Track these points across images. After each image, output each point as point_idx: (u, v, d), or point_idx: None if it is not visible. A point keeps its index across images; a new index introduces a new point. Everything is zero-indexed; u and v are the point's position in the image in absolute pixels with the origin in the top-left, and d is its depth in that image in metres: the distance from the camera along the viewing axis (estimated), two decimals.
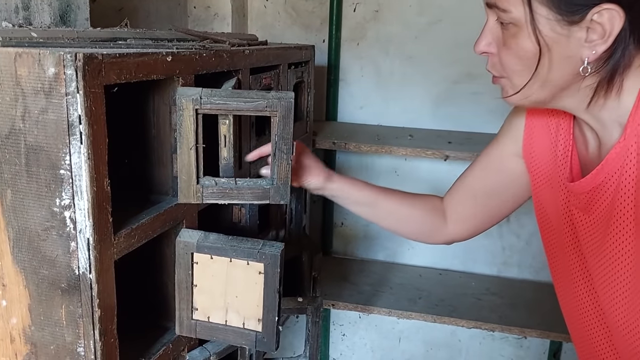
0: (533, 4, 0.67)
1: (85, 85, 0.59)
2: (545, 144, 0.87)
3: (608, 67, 0.68)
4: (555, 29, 0.67)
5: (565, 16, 0.65)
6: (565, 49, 0.68)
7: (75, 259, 0.64)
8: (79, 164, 0.61)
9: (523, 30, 0.68)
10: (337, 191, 1.01)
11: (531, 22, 0.67)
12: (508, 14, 0.69)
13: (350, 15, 1.77)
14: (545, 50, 0.68)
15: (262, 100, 0.77)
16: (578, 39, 0.67)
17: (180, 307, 0.83)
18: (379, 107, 1.83)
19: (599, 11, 0.64)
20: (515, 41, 0.70)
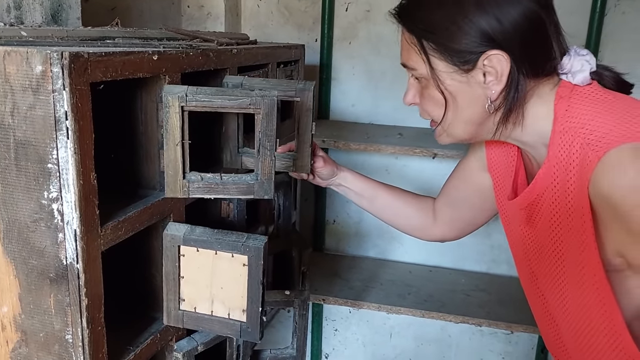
0: (432, 61, 0.77)
1: (71, 83, 0.62)
2: (502, 161, 0.94)
3: (507, 101, 0.76)
4: (456, 78, 0.77)
5: (460, 66, 0.75)
6: (469, 93, 0.77)
7: (63, 250, 0.67)
8: (65, 158, 0.64)
9: (431, 83, 0.79)
10: (344, 180, 1.10)
11: (432, 77, 0.78)
12: (417, 71, 0.80)
13: (342, 14, 1.79)
14: (451, 97, 0.78)
15: (246, 98, 0.80)
16: (478, 83, 0.76)
17: (167, 298, 0.86)
18: (371, 106, 1.85)
19: (487, 57, 0.73)
20: (428, 92, 0.81)
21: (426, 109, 0.84)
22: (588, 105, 0.75)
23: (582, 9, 1.60)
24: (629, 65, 1.62)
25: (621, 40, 1.62)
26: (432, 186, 1.87)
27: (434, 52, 0.77)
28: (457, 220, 1.09)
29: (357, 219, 1.95)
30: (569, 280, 0.81)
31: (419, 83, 0.83)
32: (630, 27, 1.61)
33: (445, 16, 0.75)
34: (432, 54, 0.77)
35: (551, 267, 0.83)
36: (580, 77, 0.76)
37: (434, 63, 0.77)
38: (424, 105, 0.83)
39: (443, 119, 0.80)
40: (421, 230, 1.14)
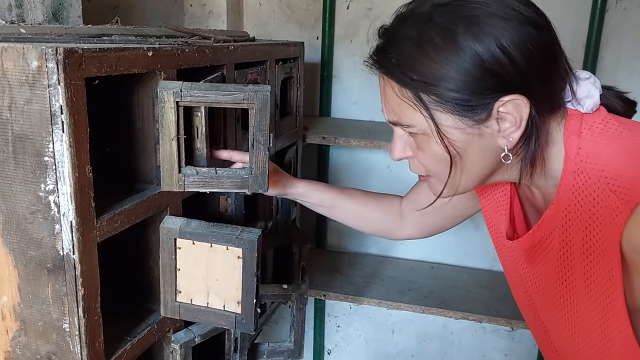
0: (435, 116, 0.66)
1: (66, 78, 0.63)
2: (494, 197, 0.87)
3: (528, 148, 0.68)
4: (466, 131, 0.66)
5: (470, 119, 0.65)
6: (481, 145, 0.68)
7: (59, 241, 0.69)
8: (61, 151, 0.65)
9: (432, 138, 0.68)
10: (298, 195, 1.06)
11: (438, 134, 0.67)
12: (413, 128, 0.69)
13: (344, 12, 1.80)
14: (461, 151, 0.68)
15: (239, 93, 0.81)
16: (491, 133, 0.67)
17: (164, 290, 0.88)
18: (372, 103, 1.86)
19: (503, 104, 0.64)
20: (429, 147, 0.69)
21: (425, 165, 0.72)
22: (602, 142, 0.67)
23: (582, 7, 1.60)
24: (631, 62, 1.62)
25: (623, 37, 1.62)
26: None
27: (436, 106, 0.65)
28: (425, 225, 1.07)
29: None
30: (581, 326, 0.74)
31: (410, 137, 0.72)
32: (632, 24, 1.60)
33: (445, 62, 0.64)
34: (435, 108, 0.66)
35: (557, 308, 0.77)
36: (589, 104, 0.70)
37: (438, 118, 0.66)
38: (422, 160, 0.72)
39: (449, 177, 0.70)
40: (388, 233, 1.11)
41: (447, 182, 0.71)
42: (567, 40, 1.66)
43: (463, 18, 0.64)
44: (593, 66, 1.62)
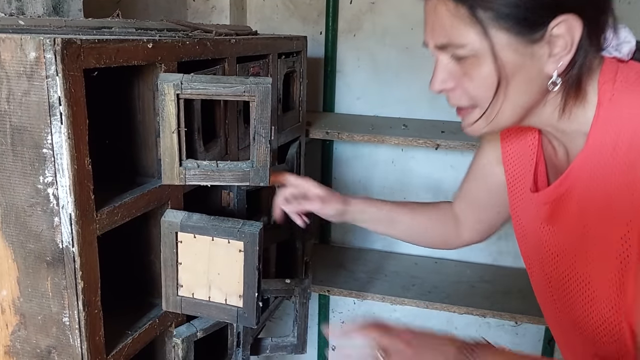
0: (490, 32, 0.64)
1: (64, 69, 0.63)
2: (520, 151, 0.86)
3: (573, 75, 0.67)
4: (518, 51, 0.65)
5: (525, 36, 0.64)
6: (531, 68, 0.66)
7: (59, 234, 0.68)
8: (60, 143, 0.65)
9: (484, 59, 0.66)
10: (356, 214, 1.02)
11: (491, 52, 0.65)
12: (465, 49, 0.66)
13: (347, 7, 1.79)
14: (510, 75, 0.66)
15: (240, 85, 0.81)
16: (541, 56, 0.65)
17: (166, 284, 0.87)
18: (376, 98, 1.85)
19: (557, 24, 0.63)
20: (479, 71, 0.67)
21: (470, 92, 0.69)
22: (637, 91, 0.67)
23: None
24: None
25: None
26: (438, 178, 1.86)
27: (492, 22, 0.64)
28: (481, 221, 1.02)
29: None
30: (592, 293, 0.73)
31: (457, 64, 0.69)
32: (637, 17, 1.58)
33: None
34: (492, 25, 0.64)
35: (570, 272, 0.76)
36: (626, 49, 0.69)
37: (493, 36, 0.64)
38: (470, 88, 0.69)
39: (492, 102, 0.68)
40: (446, 240, 1.07)
41: (486, 110, 0.69)
42: None
43: None
44: None
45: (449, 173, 1.85)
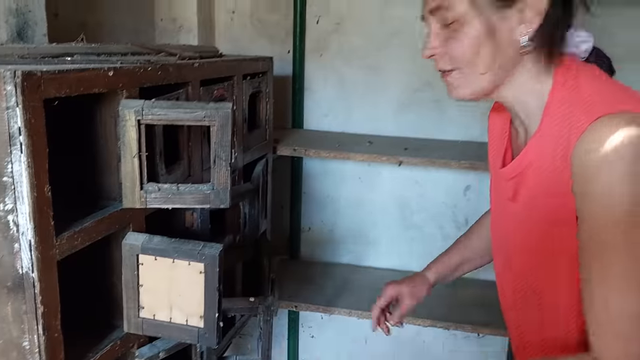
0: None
1: (24, 100, 0.65)
2: (498, 129, 0.96)
3: (540, 40, 0.76)
4: (496, 13, 0.75)
5: (501, 1, 0.75)
6: (505, 32, 0.76)
7: (19, 259, 0.70)
8: (20, 172, 0.67)
9: (468, 21, 0.76)
10: (440, 276, 1.21)
11: (474, 10, 0.75)
12: (452, 11, 0.77)
13: (314, 27, 1.83)
14: (489, 35, 0.76)
15: (200, 110, 0.83)
16: (514, 20, 0.76)
17: (127, 306, 0.89)
18: (343, 115, 1.89)
19: None
20: (462, 32, 0.77)
21: (454, 54, 0.79)
22: (588, 80, 0.76)
23: None
24: None
25: None
26: (403, 193, 1.91)
27: None
28: None
29: (331, 226, 1.98)
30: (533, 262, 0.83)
31: (445, 30, 0.79)
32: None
33: None
34: None
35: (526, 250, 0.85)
36: (584, 47, 0.80)
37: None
38: (454, 49, 0.79)
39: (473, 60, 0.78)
40: None
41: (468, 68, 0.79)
42: None
43: None
44: None
45: (414, 188, 1.90)
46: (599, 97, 0.73)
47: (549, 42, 0.77)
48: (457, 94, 0.83)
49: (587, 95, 0.74)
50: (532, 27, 0.75)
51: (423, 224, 1.92)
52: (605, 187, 0.68)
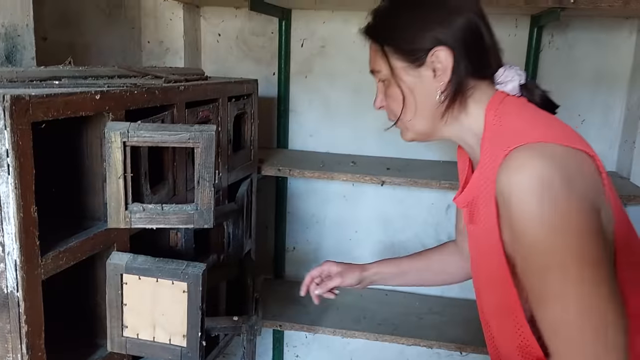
0: (391, 61, 0.91)
1: (13, 123, 0.67)
2: (461, 166, 1.07)
3: (452, 90, 0.88)
4: (411, 74, 0.90)
5: (413, 62, 0.89)
6: (422, 87, 0.90)
7: (4, 279, 0.71)
8: (6, 193, 0.68)
9: (392, 82, 0.92)
10: (373, 277, 1.23)
11: (393, 75, 0.92)
12: (380, 73, 0.94)
13: (298, 50, 1.88)
14: (409, 92, 0.91)
15: (185, 132, 0.86)
16: (428, 77, 0.89)
17: (111, 325, 0.90)
18: (327, 136, 1.93)
19: (434, 53, 0.87)
20: (391, 91, 0.93)
21: (390, 108, 0.95)
22: (514, 113, 0.86)
23: (519, 46, 1.72)
24: (564, 95, 1.74)
25: (557, 73, 1.74)
26: (387, 211, 1.94)
27: (393, 54, 0.91)
28: None
29: (316, 245, 2.00)
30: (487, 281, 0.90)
31: (384, 86, 0.95)
32: (564, 62, 1.73)
33: (402, 25, 0.91)
34: (392, 55, 0.91)
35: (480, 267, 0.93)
36: (510, 86, 0.89)
37: (393, 63, 0.91)
38: (389, 105, 0.95)
39: (403, 110, 0.92)
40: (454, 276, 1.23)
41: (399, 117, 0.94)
42: None
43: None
44: None
45: (397, 207, 1.93)
46: (517, 130, 0.81)
47: (462, 90, 0.88)
48: (405, 137, 0.98)
49: (505, 129, 0.84)
50: (444, 80, 0.87)
51: (406, 242, 1.95)
52: (519, 212, 0.74)
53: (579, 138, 0.82)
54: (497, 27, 0.92)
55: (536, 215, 0.73)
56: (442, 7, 0.88)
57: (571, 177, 0.74)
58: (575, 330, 0.73)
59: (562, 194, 0.72)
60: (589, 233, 0.72)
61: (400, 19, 0.91)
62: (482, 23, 0.89)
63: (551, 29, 1.70)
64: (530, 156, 0.75)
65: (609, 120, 1.76)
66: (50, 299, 0.77)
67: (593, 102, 1.75)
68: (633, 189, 1.56)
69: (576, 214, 0.72)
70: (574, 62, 1.73)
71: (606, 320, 0.72)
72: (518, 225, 0.75)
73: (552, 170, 0.73)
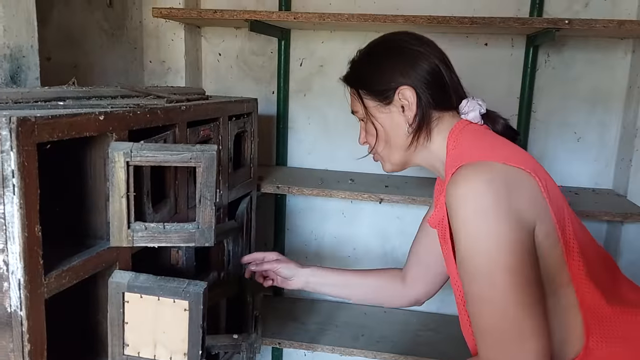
0: (365, 101, 1.05)
1: (19, 144, 0.68)
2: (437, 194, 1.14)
3: (416, 124, 1.01)
4: (382, 111, 1.04)
5: (382, 101, 1.03)
6: (392, 122, 1.03)
7: (7, 298, 0.72)
8: (11, 213, 0.69)
9: (367, 120, 1.07)
10: (309, 277, 1.29)
11: (366, 114, 1.06)
12: (358, 113, 1.09)
13: (297, 69, 1.90)
14: (382, 127, 1.05)
15: (187, 152, 0.87)
16: (397, 112, 1.02)
17: (112, 344, 0.90)
18: (326, 153, 1.95)
19: (399, 91, 1.00)
20: (368, 127, 1.08)
21: (369, 143, 1.09)
22: (469, 139, 0.98)
23: (516, 65, 1.75)
24: (561, 114, 1.76)
25: (553, 92, 1.76)
26: (385, 228, 1.95)
27: (365, 95, 1.05)
28: (426, 275, 1.25)
29: (314, 262, 2.01)
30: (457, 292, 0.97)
31: (364, 124, 1.09)
32: (560, 81, 1.75)
33: (372, 71, 1.05)
34: (365, 97, 1.05)
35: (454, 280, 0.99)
36: (471, 115, 1.01)
37: (367, 103, 1.05)
38: (368, 140, 1.09)
39: (376, 144, 1.06)
40: (393, 298, 1.30)
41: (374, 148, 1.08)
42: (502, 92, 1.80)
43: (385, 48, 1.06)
44: (527, 116, 1.75)
45: (395, 223, 1.94)
46: (467, 151, 0.93)
47: (427, 122, 1.01)
48: (385, 169, 1.11)
49: (460, 152, 0.96)
50: (411, 114, 1.00)
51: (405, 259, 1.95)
52: (460, 223, 0.84)
53: (523, 159, 0.90)
54: (493, 47, 0.96)
55: (468, 222, 0.83)
56: (406, 55, 1.01)
57: (504, 191, 0.83)
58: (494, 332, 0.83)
59: (492, 204, 0.82)
60: (512, 243, 0.81)
61: (371, 66, 1.05)
62: (443, 64, 1.02)
63: (547, 48, 1.73)
64: (469, 172, 0.86)
65: (605, 138, 1.78)
66: (52, 317, 0.77)
67: (589, 120, 1.77)
68: (630, 206, 1.58)
69: (502, 224, 0.81)
70: (570, 81, 1.75)
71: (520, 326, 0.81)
72: (455, 231, 0.86)
73: (485, 184, 0.83)
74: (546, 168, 0.94)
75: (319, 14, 1.51)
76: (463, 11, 1.71)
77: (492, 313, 0.83)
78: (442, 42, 1.07)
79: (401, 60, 1.02)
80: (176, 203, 1.09)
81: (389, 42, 1.07)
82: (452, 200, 0.86)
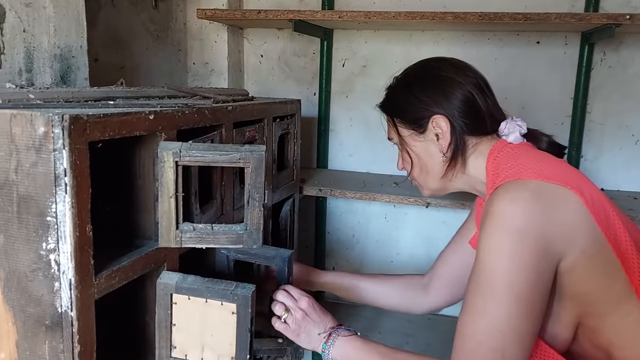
0: (399, 129, 1.07)
1: (71, 142, 0.67)
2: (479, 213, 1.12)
3: (451, 151, 1.02)
4: (417, 139, 1.05)
5: (416, 130, 1.04)
6: (427, 150, 1.04)
7: (58, 298, 0.71)
8: (63, 212, 0.68)
9: (402, 148, 1.08)
10: (325, 283, 1.32)
11: (401, 142, 1.08)
12: (394, 140, 1.11)
13: (340, 70, 1.88)
14: (416, 155, 1.06)
15: (236, 153, 0.85)
16: (432, 140, 1.03)
17: (159, 345, 0.89)
18: (368, 156, 1.91)
19: (432, 120, 1.01)
20: (404, 154, 1.09)
21: (406, 169, 1.11)
22: (510, 158, 0.96)
23: (569, 64, 1.67)
24: (617, 115, 1.68)
25: (609, 92, 1.68)
26: (430, 233, 1.90)
27: (400, 124, 1.07)
28: (452, 285, 1.22)
29: (357, 265, 1.97)
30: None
31: (400, 152, 1.10)
32: (617, 80, 1.67)
33: (407, 100, 1.05)
34: (399, 125, 1.07)
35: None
36: (512, 137, 1.00)
37: (401, 132, 1.07)
38: (405, 167, 1.11)
39: (411, 171, 1.09)
40: (409, 308, 1.29)
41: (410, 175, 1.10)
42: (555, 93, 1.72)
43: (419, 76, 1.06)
44: (582, 117, 1.67)
45: (441, 228, 1.88)
46: (505, 172, 0.93)
47: (463, 149, 1.01)
48: (423, 193, 1.12)
49: (499, 172, 0.95)
50: (445, 143, 1.01)
51: None
52: (486, 236, 0.84)
53: (562, 174, 0.88)
54: (545, 45, 0.91)
55: (494, 237, 0.83)
56: (440, 84, 1.01)
57: (538, 211, 0.82)
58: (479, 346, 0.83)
59: (523, 226, 0.81)
60: (531, 271, 0.81)
61: (405, 95, 1.05)
62: (478, 90, 1.00)
63: (603, 46, 1.65)
64: (503, 191, 0.86)
65: None
66: (100, 317, 0.77)
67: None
68: None
69: (528, 250, 0.81)
70: (627, 80, 1.67)
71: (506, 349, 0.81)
72: (479, 243, 0.86)
73: (517, 203, 0.83)
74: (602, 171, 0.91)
75: (365, 13, 1.48)
76: (513, 8, 1.65)
77: (485, 328, 0.83)
78: (492, 41, 1.03)
79: (435, 89, 1.01)
80: (222, 204, 1.08)
81: (424, 70, 1.07)
82: (485, 217, 0.86)
